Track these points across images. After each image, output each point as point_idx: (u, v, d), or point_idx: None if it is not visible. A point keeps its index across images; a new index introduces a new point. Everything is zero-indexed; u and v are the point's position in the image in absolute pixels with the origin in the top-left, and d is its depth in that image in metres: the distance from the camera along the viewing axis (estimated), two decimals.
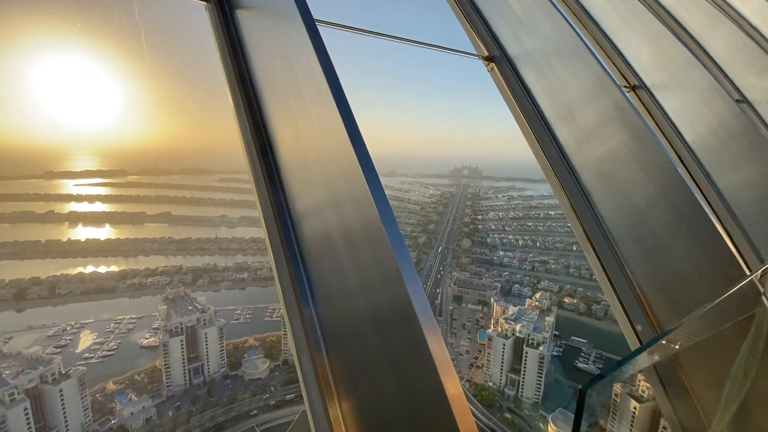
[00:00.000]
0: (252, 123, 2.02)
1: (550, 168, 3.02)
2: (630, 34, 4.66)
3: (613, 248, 2.66)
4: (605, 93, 2.69)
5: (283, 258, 1.79)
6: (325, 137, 1.52)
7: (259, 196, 1.91)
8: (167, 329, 48.54)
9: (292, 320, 1.74)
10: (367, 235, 1.35)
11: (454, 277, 72.12)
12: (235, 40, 2.04)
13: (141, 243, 72.43)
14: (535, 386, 50.09)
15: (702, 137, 4.02)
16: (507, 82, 3.36)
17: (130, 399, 44.14)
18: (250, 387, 49.72)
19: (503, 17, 3.44)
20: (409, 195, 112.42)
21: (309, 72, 1.48)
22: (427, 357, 1.21)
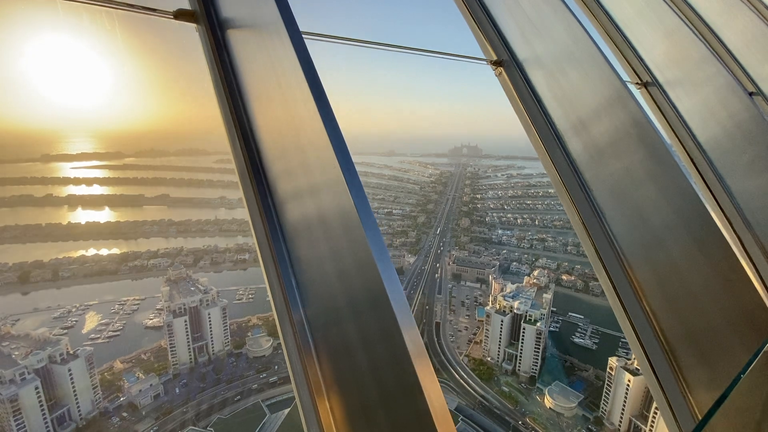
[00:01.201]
0: (243, 141, 1.98)
1: (561, 181, 2.90)
2: (644, 26, 4.42)
3: (626, 270, 2.59)
4: (622, 107, 2.54)
5: (272, 262, 1.84)
6: (312, 147, 1.56)
7: (248, 203, 1.95)
8: (171, 310, 49.30)
9: (281, 321, 1.79)
10: (351, 247, 1.42)
11: (453, 256, 72.71)
12: (225, 59, 1.99)
13: (141, 225, 72.51)
14: (532, 361, 51.41)
15: (716, 138, 3.88)
16: (516, 87, 3.19)
17: (137, 377, 45.28)
18: (254, 364, 50.96)
19: (513, 17, 3.23)
20: (408, 175, 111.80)
21: (295, 80, 1.52)
22: (401, 344, 1.24)
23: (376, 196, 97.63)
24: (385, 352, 1.35)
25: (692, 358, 2.33)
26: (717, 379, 2.20)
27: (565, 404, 46.14)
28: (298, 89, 1.51)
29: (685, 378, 2.33)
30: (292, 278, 1.78)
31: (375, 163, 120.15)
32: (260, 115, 1.91)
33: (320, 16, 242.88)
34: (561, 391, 47.85)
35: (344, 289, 1.53)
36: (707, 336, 2.27)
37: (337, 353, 1.61)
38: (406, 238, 79.59)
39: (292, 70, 1.51)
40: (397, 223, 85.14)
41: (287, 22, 1.53)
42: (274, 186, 1.87)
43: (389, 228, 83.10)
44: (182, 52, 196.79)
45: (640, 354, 2.57)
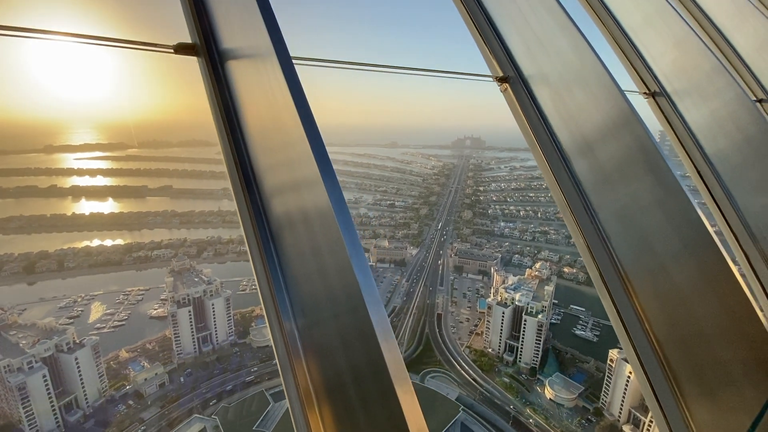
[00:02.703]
0: (240, 167, 2.00)
1: (565, 202, 2.87)
2: (652, 34, 4.32)
3: (631, 296, 2.57)
4: (630, 132, 2.49)
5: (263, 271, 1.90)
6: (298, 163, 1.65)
7: (240, 213, 2.01)
8: (175, 300, 49.86)
9: (271, 325, 1.84)
10: (330, 250, 1.49)
11: (455, 248, 72.81)
12: (224, 88, 2.02)
13: (144, 216, 72.85)
14: (533, 353, 51.77)
15: (724, 152, 3.81)
16: (521, 104, 3.13)
17: (143, 366, 46.00)
18: (258, 354, 51.58)
19: (519, 33, 3.15)
20: (411, 166, 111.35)
21: (284, 104, 1.61)
22: (376, 350, 1.28)
23: (378, 188, 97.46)
24: (362, 358, 1.39)
25: (696, 390, 2.32)
26: (722, 415, 2.20)
27: (565, 396, 46.59)
28: (282, 102, 1.60)
29: (688, 408, 2.33)
30: (281, 281, 1.84)
31: (377, 154, 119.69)
32: (257, 145, 1.92)
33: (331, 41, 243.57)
34: (561, 382, 48.27)
35: (325, 293, 1.59)
36: (713, 369, 2.26)
37: (322, 359, 1.65)
38: (408, 230, 79.66)
39: (279, 89, 1.61)
40: (400, 215, 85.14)
41: (278, 49, 1.61)
42: (267, 202, 1.95)
43: (391, 220, 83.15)
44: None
45: (643, 380, 2.57)
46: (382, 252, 71.85)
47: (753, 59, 5.22)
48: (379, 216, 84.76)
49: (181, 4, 1.99)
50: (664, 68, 4.28)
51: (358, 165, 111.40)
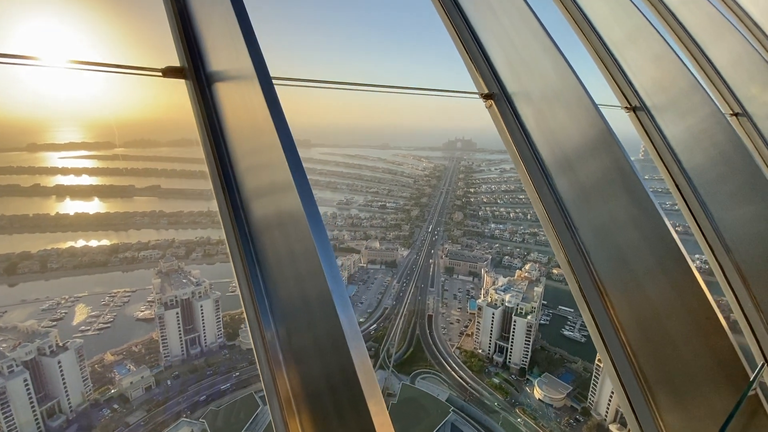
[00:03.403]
0: (225, 186, 2.05)
1: (547, 217, 2.96)
2: (633, 50, 4.46)
3: (608, 309, 2.67)
4: (607, 152, 2.59)
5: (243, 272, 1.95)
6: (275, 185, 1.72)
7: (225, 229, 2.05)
8: (162, 302, 49.08)
9: (253, 333, 1.90)
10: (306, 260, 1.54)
11: (446, 250, 73.14)
12: (211, 109, 2.07)
13: (131, 217, 71.61)
14: (522, 353, 52.26)
15: (701, 167, 3.96)
16: (505, 120, 3.21)
17: (128, 369, 45.18)
18: (247, 356, 51.02)
19: (504, 52, 3.23)
20: (403, 168, 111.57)
21: (266, 127, 1.66)
22: (347, 357, 1.33)
23: (370, 189, 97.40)
24: (334, 366, 1.44)
25: (669, 399, 2.43)
26: (692, 423, 2.31)
27: (554, 396, 47.13)
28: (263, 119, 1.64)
29: (662, 418, 2.43)
30: (262, 287, 1.89)
31: (369, 156, 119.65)
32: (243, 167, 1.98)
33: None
34: (550, 382, 48.81)
35: (301, 300, 1.64)
36: (683, 379, 2.37)
37: (299, 366, 1.70)
38: (399, 231, 79.78)
39: (260, 109, 1.67)
40: (391, 217, 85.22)
41: (259, 71, 1.68)
42: (247, 205, 2.01)
43: (383, 221, 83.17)
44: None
45: (619, 390, 2.66)
46: (374, 253, 71.84)
47: (729, 74, 5.41)
48: (370, 217, 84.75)
49: (170, 29, 2.03)
50: (644, 84, 4.42)
51: (350, 166, 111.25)
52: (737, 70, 5.32)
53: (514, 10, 3.21)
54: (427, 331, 58.92)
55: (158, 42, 5.26)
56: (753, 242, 3.54)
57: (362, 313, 60.53)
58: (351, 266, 68.30)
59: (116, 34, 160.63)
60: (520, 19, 3.17)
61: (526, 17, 3.21)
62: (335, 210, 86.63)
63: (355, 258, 70.06)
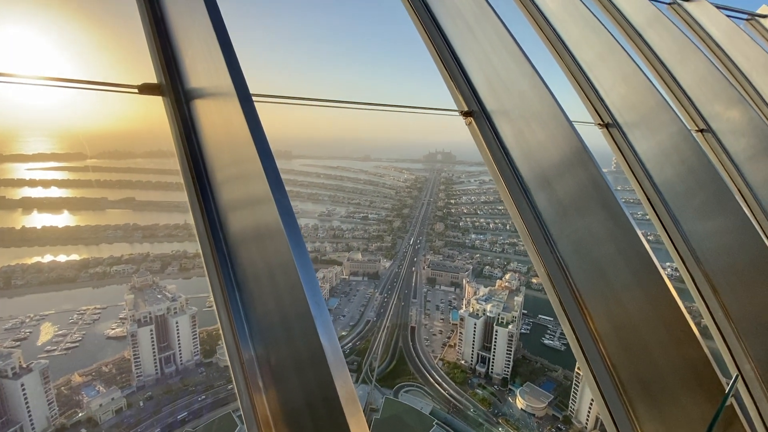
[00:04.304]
0: (202, 200, 2.01)
1: (527, 232, 3.02)
2: (604, 70, 4.68)
3: (587, 321, 2.72)
4: (583, 169, 2.69)
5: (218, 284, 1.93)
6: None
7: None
8: (135, 319, 47.28)
9: (231, 357, 1.83)
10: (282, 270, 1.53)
11: (428, 260, 73.46)
12: (188, 126, 2.05)
13: (103, 230, 68.97)
14: (504, 363, 52.59)
15: (670, 181, 4.14)
16: (485, 138, 3.29)
17: (98, 390, 43.05)
18: (225, 373, 49.42)
19: (482, 71, 3.34)
20: (384, 179, 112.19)
21: (245, 144, 1.65)
22: (328, 377, 1.30)
23: (351, 200, 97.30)
24: (315, 386, 1.41)
25: (647, 408, 2.48)
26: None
27: (536, 405, 47.44)
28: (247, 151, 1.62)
29: (641, 427, 2.48)
30: (239, 304, 1.85)
31: (351, 167, 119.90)
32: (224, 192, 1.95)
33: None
34: (532, 392, 49.18)
35: (279, 318, 1.61)
36: (660, 388, 2.42)
37: (280, 387, 1.66)
38: (381, 242, 79.75)
39: (239, 125, 1.66)
40: (373, 228, 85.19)
41: (239, 89, 1.67)
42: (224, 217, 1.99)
43: (365, 233, 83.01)
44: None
45: (599, 400, 2.70)
46: (356, 265, 71.42)
47: (694, 92, 5.72)
48: (352, 229, 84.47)
49: (147, 45, 2.00)
50: (615, 102, 4.62)
51: (332, 177, 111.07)
52: (702, 89, 5.63)
53: (492, 31, 3.32)
54: (410, 343, 58.63)
55: (134, 58, 5.19)
56: (721, 254, 3.70)
57: (344, 327, 59.79)
58: (333, 278, 67.60)
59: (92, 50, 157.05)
60: (498, 40, 3.28)
61: (504, 38, 3.32)
62: (317, 221, 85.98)
63: (336, 270, 69.43)
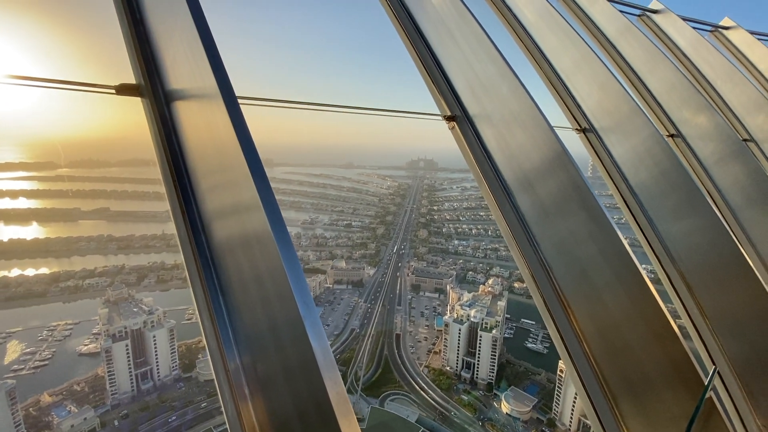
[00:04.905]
0: (184, 208, 1.99)
1: (510, 234, 3.08)
2: (581, 77, 4.85)
3: (572, 321, 2.77)
4: (564, 171, 2.76)
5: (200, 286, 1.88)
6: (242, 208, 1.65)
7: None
8: (109, 334, 45.52)
9: (215, 364, 1.78)
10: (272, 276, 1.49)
11: (412, 267, 73.62)
12: (169, 128, 2.00)
13: (75, 242, 66.30)
14: (489, 368, 52.92)
15: (645, 183, 4.31)
16: (468, 142, 3.35)
17: (69, 411, 41.04)
18: (205, 388, 47.96)
19: (464, 76, 3.41)
20: (367, 187, 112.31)
21: (231, 146, 1.62)
22: (320, 387, 1.27)
23: (335, 208, 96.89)
24: (306, 396, 1.37)
25: (632, 406, 2.53)
26: (653, 429, 2.41)
27: (520, 409, 47.82)
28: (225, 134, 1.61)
29: (626, 425, 2.52)
30: (224, 314, 1.80)
31: (333, 174, 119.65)
32: (204, 188, 1.90)
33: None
34: (516, 396, 49.58)
35: (268, 326, 1.56)
36: (643, 386, 2.48)
37: (267, 397, 1.61)
38: (365, 250, 79.50)
39: (224, 128, 1.63)
40: (357, 235, 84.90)
41: (224, 90, 1.65)
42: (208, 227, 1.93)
43: (349, 240, 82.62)
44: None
45: (585, 399, 2.74)
46: (340, 273, 70.89)
47: (664, 99, 5.99)
48: (335, 236, 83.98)
49: (125, 44, 1.94)
50: (592, 107, 4.78)
51: (314, 185, 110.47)
52: (671, 96, 5.91)
53: (473, 38, 3.40)
54: (396, 351, 58.36)
55: (110, 57, 5.03)
56: (694, 253, 3.85)
57: (329, 336, 59.07)
58: (316, 287, 66.89)
59: (66, 49, 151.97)
60: (479, 47, 3.36)
61: (485, 45, 3.40)
62: (300, 230, 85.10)
63: (320, 278, 68.74)
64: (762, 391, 3.32)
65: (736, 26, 9.61)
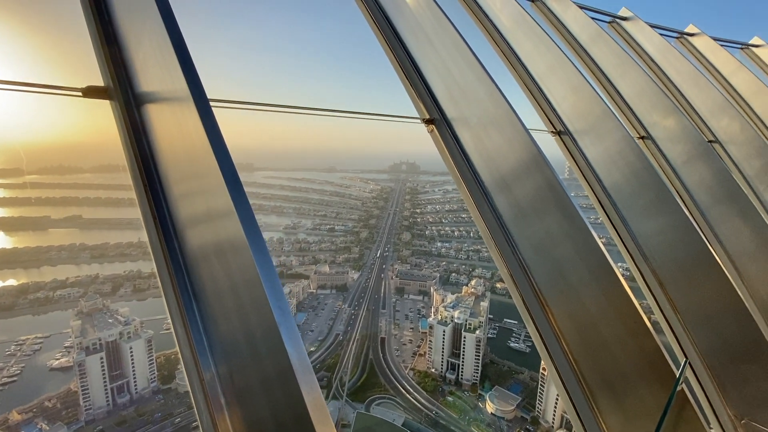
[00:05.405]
0: (156, 215, 1.95)
1: (489, 235, 3.13)
2: (555, 81, 5.00)
3: (550, 319, 2.83)
4: (539, 172, 2.83)
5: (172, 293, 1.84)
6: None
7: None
8: (83, 347, 43.73)
9: (189, 373, 1.75)
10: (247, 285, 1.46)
11: (396, 270, 73.70)
12: (140, 132, 1.95)
13: (45, 252, 63.50)
14: (473, 368, 53.37)
15: (617, 184, 4.46)
16: (446, 144, 3.40)
17: (39, 428, 39.21)
18: (185, 399, 46.60)
19: (442, 80, 3.46)
20: (350, 191, 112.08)
21: (201, 146, 1.61)
22: (298, 395, 1.26)
23: (318, 212, 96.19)
24: (284, 405, 1.35)
25: (609, 401, 2.59)
26: (630, 422, 2.48)
27: (505, 408, 48.35)
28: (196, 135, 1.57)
29: (604, 420, 2.58)
30: (199, 323, 1.77)
31: (316, 179, 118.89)
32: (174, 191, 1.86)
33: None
34: (500, 395, 50.13)
35: (244, 335, 1.53)
36: (619, 381, 2.55)
37: (245, 408, 1.58)
38: (349, 254, 79.14)
39: (195, 131, 1.60)
40: (340, 240, 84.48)
41: (195, 93, 1.62)
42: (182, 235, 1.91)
43: (332, 245, 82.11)
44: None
45: (564, 396, 2.79)
46: (323, 278, 70.29)
47: (634, 103, 6.21)
48: (318, 241, 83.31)
49: (92, 46, 1.88)
50: (566, 110, 4.92)
51: (296, 189, 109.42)
52: (641, 100, 6.14)
53: (450, 42, 3.45)
54: (381, 355, 58.17)
55: (78, 59, 4.71)
56: (665, 250, 4.00)
57: (312, 342, 58.37)
58: (300, 293, 66.07)
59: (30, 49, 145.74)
60: (456, 51, 3.41)
61: (461, 49, 3.45)
62: (282, 235, 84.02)
63: (303, 284, 67.96)
64: (732, 381, 3.45)
65: (701, 33, 10.07)
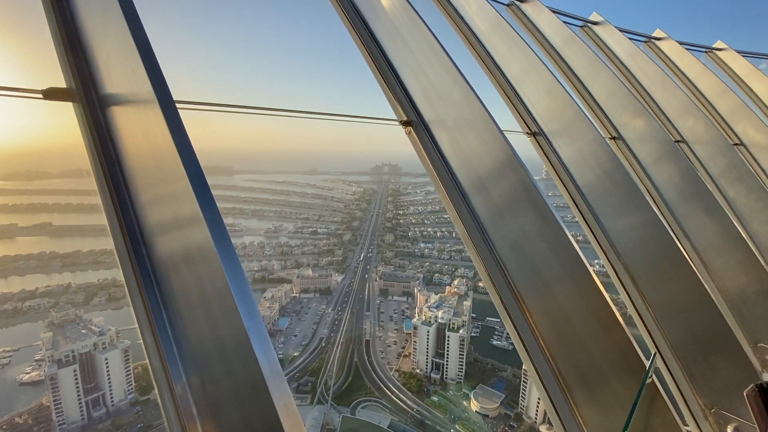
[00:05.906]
0: (123, 222, 1.92)
1: (467, 235, 3.18)
2: (529, 83, 5.13)
3: (527, 316, 2.90)
4: (514, 173, 2.90)
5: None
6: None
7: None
8: (54, 359, 41.92)
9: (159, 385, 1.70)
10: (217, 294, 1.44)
11: (380, 272, 73.67)
12: (105, 135, 1.91)
13: (12, 261, 60.56)
14: (457, 368, 53.82)
15: (590, 183, 4.61)
16: (424, 146, 3.44)
17: None
18: None
19: (418, 82, 3.50)
20: (333, 193, 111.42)
21: (170, 155, 1.57)
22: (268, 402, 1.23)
23: (299, 215, 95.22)
24: (255, 414, 1.33)
25: (584, 395, 2.67)
26: (605, 415, 2.55)
27: (489, 406, 48.95)
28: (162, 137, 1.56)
29: (580, 413, 2.66)
30: (169, 334, 1.72)
31: (297, 181, 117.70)
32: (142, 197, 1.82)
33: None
34: (485, 393, 50.72)
35: (215, 343, 1.51)
36: (593, 374, 2.63)
37: (217, 419, 1.55)
38: (332, 256, 78.63)
39: (161, 133, 1.57)
40: (323, 242, 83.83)
41: (160, 94, 1.59)
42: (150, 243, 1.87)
43: (315, 248, 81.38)
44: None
45: (542, 392, 2.86)
46: (306, 282, 69.59)
47: (606, 104, 6.44)
48: (301, 244, 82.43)
49: (54, 45, 1.81)
50: (540, 112, 5.05)
51: (277, 192, 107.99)
52: (612, 102, 6.37)
53: (425, 45, 3.49)
54: (365, 358, 57.99)
55: (38, 59, 4.49)
56: (636, 246, 4.15)
57: (296, 347, 57.66)
58: (282, 297, 65.18)
59: None
60: (432, 53, 3.45)
61: (437, 52, 3.50)
62: (263, 239, 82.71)
63: (286, 288, 67.09)
64: (701, 372, 3.60)
65: (667, 37, 10.51)
